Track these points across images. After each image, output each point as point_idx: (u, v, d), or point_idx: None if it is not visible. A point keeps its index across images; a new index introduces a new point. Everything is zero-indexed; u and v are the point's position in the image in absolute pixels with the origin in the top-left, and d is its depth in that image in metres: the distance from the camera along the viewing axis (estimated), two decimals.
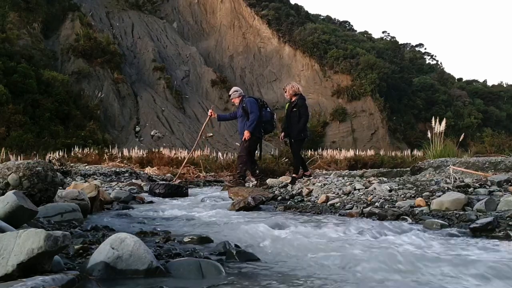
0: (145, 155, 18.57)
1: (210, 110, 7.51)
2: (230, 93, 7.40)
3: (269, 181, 7.64)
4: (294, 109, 7.00)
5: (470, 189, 4.42)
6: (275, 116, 7.73)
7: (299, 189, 6.00)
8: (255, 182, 7.29)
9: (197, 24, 48.53)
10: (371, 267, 2.08)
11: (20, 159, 13.87)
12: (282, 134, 7.45)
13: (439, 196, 4.09)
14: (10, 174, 3.49)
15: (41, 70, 28.09)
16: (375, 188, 4.86)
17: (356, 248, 2.50)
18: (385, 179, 6.26)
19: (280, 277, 1.97)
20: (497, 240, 2.75)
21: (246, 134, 6.83)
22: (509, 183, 4.49)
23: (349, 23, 59.27)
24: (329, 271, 2.06)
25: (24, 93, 24.06)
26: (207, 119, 7.88)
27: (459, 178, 5.07)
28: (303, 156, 10.04)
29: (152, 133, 32.00)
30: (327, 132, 36.64)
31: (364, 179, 6.32)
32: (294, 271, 2.08)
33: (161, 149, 22.13)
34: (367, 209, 4.04)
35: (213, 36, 46.56)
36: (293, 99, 7.07)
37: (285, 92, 7.23)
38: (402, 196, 4.45)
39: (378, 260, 2.17)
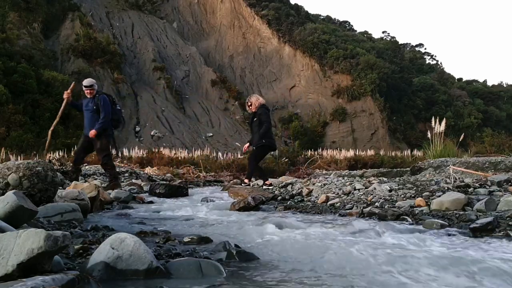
0: (145, 155, 18.58)
1: (66, 92, 7.18)
2: (88, 84, 7.00)
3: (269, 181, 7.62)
4: (255, 119, 7.05)
5: (470, 189, 4.42)
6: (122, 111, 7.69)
7: (299, 189, 6.00)
8: (108, 182, 7.06)
9: (197, 24, 48.53)
10: (371, 267, 2.08)
11: (20, 159, 13.87)
12: (246, 145, 7.48)
13: (439, 196, 4.09)
14: (10, 174, 3.49)
15: (41, 70, 28.08)
16: (375, 188, 4.86)
17: (355, 248, 2.50)
18: (385, 179, 6.26)
19: (280, 277, 1.97)
20: (497, 240, 2.75)
21: (93, 132, 6.75)
22: (509, 183, 4.49)
23: (349, 23, 59.30)
24: (329, 271, 2.06)
25: (24, 93, 24.05)
26: (64, 102, 7.32)
27: (459, 178, 5.07)
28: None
29: (152, 133, 31.99)
30: (327, 132, 36.63)
31: (364, 179, 6.32)
32: (294, 271, 2.08)
33: (161, 149, 22.14)
34: (367, 209, 4.04)
35: (213, 36, 46.56)
36: (256, 110, 7.09)
37: (250, 105, 7.20)
38: (402, 196, 4.45)
39: (378, 260, 2.18)
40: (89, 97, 7.02)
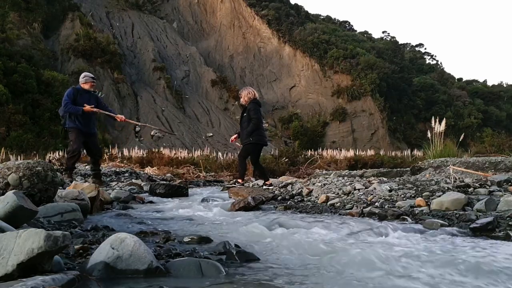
0: (145, 155, 18.58)
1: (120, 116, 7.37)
2: (94, 76, 7.23)
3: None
4: (245, 114, 6.84)
5: (470, 189, 4.42)
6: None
7: (299, 189, 6.00)
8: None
9: (197, 24, 48.54)
10: (371, 267, 2.08)
11: (20, 159, 13.88)
12: (234, 136, 7.33)
13: (439, 196, 4.09)
14: (10, 174, 3.49)
15: (41, 70, 28.09)
16: (375, 188, 4.85)
17: (355, 248, 2.50)
18: (385, 179, 6.26)
19: (280, 277, 1.97)
20: (497, 240, 2.75)
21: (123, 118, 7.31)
22: (509, 183, 4.49)
23: (349, 23, 59.35)
24: (329, 271, 2.06)
25: (24, 93, 24.07)
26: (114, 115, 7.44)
27: (459, 178, 5.07)
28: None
29: (152, 133, 32.00)
30: (327, 132, 36.65)
31: (364, 179, 6.32)
32: (294, 271, 2.08)
33: (161, 149, 22.14)
34: (367, 209, 4.04)
35: (213, 36, 46.57)
36: (246, 105, 6.90)
37: (241, 97, 7.02)
38: (402, 196, 4.45)
39: (378, 260, 2.17)
40: (91, 91, 6.96)
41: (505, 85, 52.01)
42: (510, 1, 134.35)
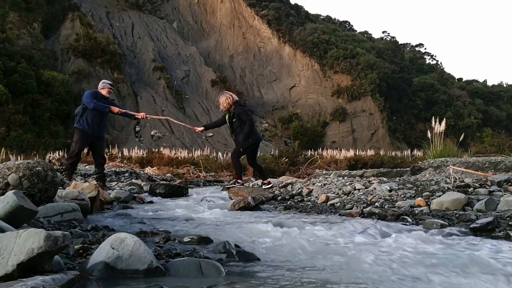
0: (145, 155, 18.59)
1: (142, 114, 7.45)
2: (111, 84, 7.22)
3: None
4: (234, 120, 6.76)
5: (470, 189, 4.42)
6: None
7: (299, 189, 6.00)
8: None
9: (197, 24, 48.52)
10: (370, 267, 2.08)
11: (20, 159, 13.88)
12: (200, 128, 7.44)
13: (439, 196, 4.09)
14: (10, 174, 3.49)
15: (41, 70, 28.10)
16: (375, 188, 4.86)
17: (355, 248, 2.50)
18: (385, 179, 6.26)
19: (280, 277, 1.97)
20: (497, 240, 2.75)
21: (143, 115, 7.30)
22: (509, 183, 4.49)
23: (349, 23, 59.29)
24: (329, 271, 2.06)
25: (24, 93, 24.08)
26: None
27: (459, 178, 5.07)
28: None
29: (152, 133, 32.00)
30: (327, 132, 36.64)
31: (364, 179, 6.32)
32: (294, 271, 2.08)
33: (161, 149, 22.16)
34: (367, 209, 4.04)
35: (213, 36, 46.55)
36: (230, 109, 6.80)
37: (220, 105, 6.96)
38: (402, 196, 4.45)
39: (378, 260, 2.17)
40: (107, 97, 6.97)
41: (505, 85, 52.00)
42: (510, 1, 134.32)
